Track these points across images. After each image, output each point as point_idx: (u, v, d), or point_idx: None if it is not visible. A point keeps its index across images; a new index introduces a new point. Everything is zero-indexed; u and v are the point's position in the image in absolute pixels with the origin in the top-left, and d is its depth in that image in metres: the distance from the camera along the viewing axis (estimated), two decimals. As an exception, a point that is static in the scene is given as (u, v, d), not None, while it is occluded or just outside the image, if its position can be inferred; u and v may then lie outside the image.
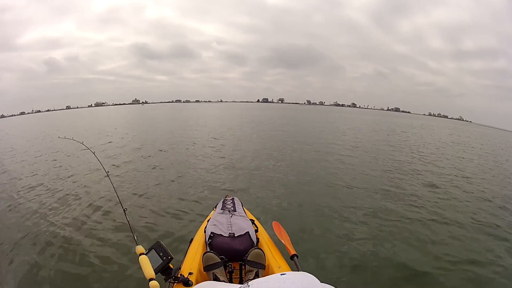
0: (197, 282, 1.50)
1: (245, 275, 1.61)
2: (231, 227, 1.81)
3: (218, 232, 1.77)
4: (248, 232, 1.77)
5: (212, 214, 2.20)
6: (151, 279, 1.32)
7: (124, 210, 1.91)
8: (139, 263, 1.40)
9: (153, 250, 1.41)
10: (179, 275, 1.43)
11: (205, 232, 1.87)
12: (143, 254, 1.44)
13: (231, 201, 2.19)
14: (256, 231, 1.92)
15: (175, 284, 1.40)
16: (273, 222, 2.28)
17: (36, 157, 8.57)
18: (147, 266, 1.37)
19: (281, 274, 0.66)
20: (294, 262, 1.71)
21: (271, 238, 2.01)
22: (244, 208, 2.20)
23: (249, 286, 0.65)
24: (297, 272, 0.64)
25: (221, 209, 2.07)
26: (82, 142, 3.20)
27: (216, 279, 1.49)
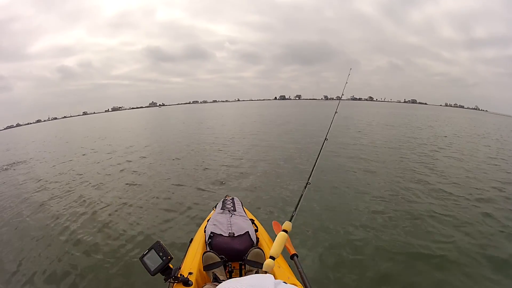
0: (197, 282, 1.50)
1: (245, 275, 1.61)
2: (231, 226, 1.81)
3: (218, 232, 1.77)
4: (248, 231, 1.78)
5: (212, 214, 2.20)
6: (271, 257, 1.34)
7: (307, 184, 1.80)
8: (277, 239, 1.40)
9: (152, 250, 1.40)
10: (179, 275, 1.43)
11: (205, 232, 1.88)
12: (286, 231, 1.44)
13: (231, 201, 2.19)
14: (256, 230, 1.92)
15: (175, 284, 1.40)
16: (273, 222, 2.28)
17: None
18: (279, 244, 1.38)
19: (241, 277, 0.66)
20: (294, 262, 1.71)
21: (271, 237, 2.01)
22: (244, 208, 2.20)
23: None
24: (256, 274, 0.64)
25: (221, 209, 2.07)
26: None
27: (216, 278, 1.49)
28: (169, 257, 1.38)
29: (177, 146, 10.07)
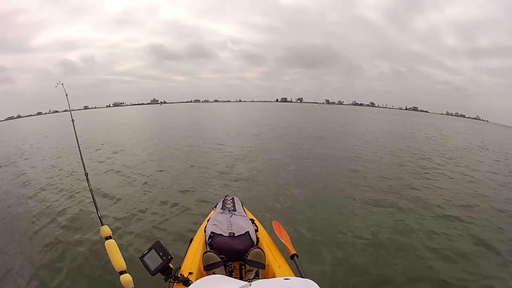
0: None
1: (245, 275, 1.61)
2: (231, 226, 1.81)
3: (218, 231, 1.77)
4: (248, 231, 1.78)
5: (212, 213, 2.20)
6: (122, 272, 1.13)
7: (86, 175, 1.72)
8: (106, 250, 1.18)
9: (153, 250, 1.41)
10: (179, 275, 1.43)
11: (205, 231, 1.88)
12: (110, 238, 1.20)
13: (231, 200, 2.19)
14: (256, 230, 1.92)
15: (175, 284, 1.40)
16: (273, 222, 2.28)
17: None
18: (115, 255, 1.16)
19: (285, 279, 0.65)
20: (294, 262, 1.70)
21: (271, 237, 2.01)
22: (244, 208, 2.20)
23: (250, 286, 0.65)
24: (300, 278, 0.63)
25: (221, 209, 2.07)
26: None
27: (216, 278, 1.48)
28: (169, 257, 1.38)
29: (176, 146, 10.06)
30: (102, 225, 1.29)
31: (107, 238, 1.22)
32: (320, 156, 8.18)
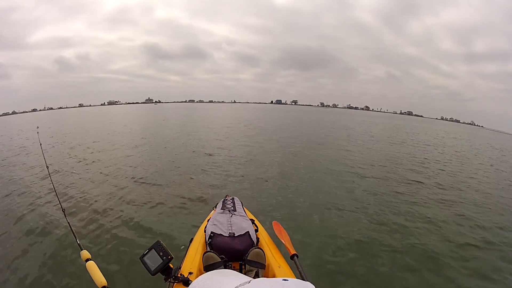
0: None
1: (245, 275, 1.61)
2: (231, 226, 1.81)
3: (218, 231, 1.76)
4: (248, 231, 1.77)
5: (212, 214, 2.20)
6: (104, 287, 1.26)
7: (63, 211, 1.87)
8: (87, 270, 1.32)
9: (153, 250, 1.40)
10: (179, 275, 1.43)
11: (205, 231, 1.87)
12: (89, 259, 1.35)
13: (231, 200, 2.19)
14: (256, 230, 1.92)
15: (175, 283, 1.39)
16: (273, 222, 2.28)
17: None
18: (96, 273, 1.30)
19: (283, 279, 0.65)
20: (294, 262, 1.71)
21: (271, 237, 2.01)
22: (244, 208, 2.20)
23: (249, 283, 0.65)
24: (299, 280, 0.63)
25: (221, 209, 2.06)
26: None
27: (216, 278, 1.48)
28: (169, 256, 1.37)
29: (173, 145, 10.00)
30: (82, 250, 1.43)
31: (87, 260, 1.36)
32: (321, 158, 8.22)
